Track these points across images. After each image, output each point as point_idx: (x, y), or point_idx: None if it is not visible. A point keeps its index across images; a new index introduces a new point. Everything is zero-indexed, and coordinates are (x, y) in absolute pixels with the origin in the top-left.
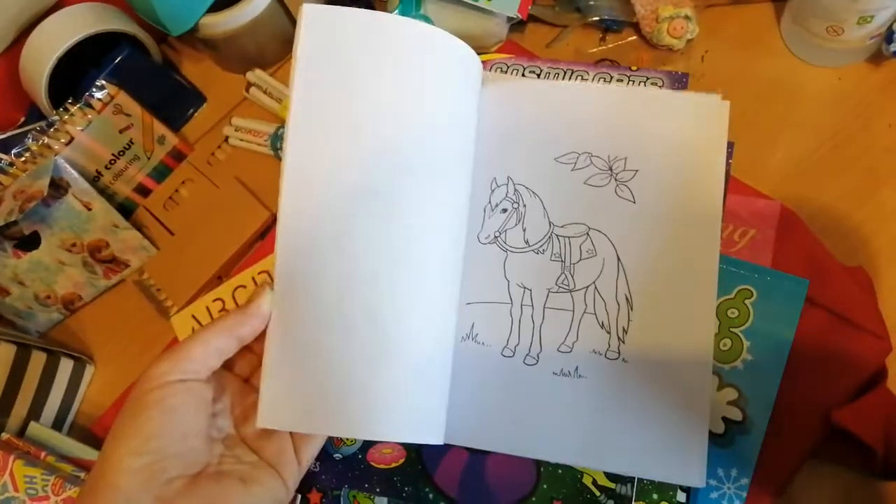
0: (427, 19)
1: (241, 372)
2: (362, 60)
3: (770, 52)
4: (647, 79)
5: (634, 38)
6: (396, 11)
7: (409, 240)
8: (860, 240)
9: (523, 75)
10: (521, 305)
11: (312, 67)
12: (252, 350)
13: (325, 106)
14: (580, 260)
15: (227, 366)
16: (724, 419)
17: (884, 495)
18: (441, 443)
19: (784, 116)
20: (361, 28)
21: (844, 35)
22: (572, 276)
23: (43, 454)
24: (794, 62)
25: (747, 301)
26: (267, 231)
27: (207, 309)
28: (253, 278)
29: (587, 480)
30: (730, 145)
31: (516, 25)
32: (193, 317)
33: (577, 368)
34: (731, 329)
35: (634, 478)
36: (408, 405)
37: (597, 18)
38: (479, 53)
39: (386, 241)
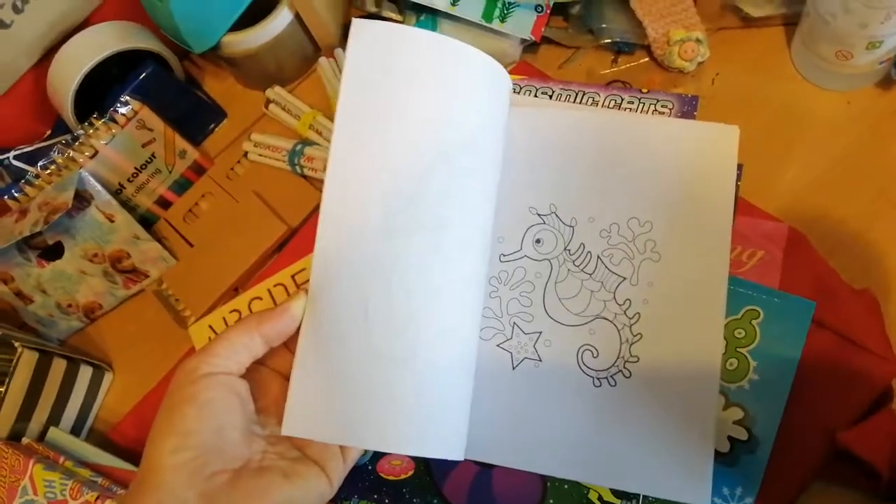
0: None
1: (286, 372)
2: (407, 74)
3: (780, 76)
4: (658, 101)
5: (646, 60)
6: None
7: (441, 257)
8: (868, 262)
9: (535, 96)
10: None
11: (359, 79)
12: (292, 351)
13: (368, 118)
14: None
15: (272, 365)
16: (730, 438)
17: None
18: (461, 458)
19: (793, 139)
20: (407, 43)
21: (853, 60)
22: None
23: (62, 459)
24: (803, 85)
25: (754, 321)
26: (284, 244)
27: (224, 320)
28: (269, 290)
29: (593, 496)
30: (739, 167)
31: (529, 46)
32: (210, 327)
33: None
34: (738, 349)
35: (640, 495)
36: (431, 421)
37: (609, 41)
38: None
39: (418, 258)
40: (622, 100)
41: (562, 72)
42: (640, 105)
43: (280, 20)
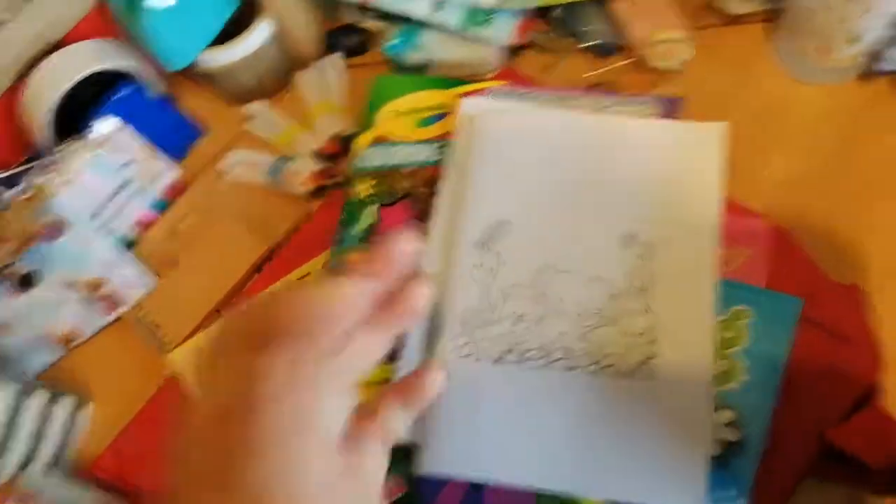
0: (423, 49)
1: None
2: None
3: (762, 72)
4: (642, 103)
5: (629, 61)
6: (396, 42)
7: None
8: (854, 256)
9: (519, 102)
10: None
11: None
12: None
13: None
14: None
15: None
16: (721, 440)
17: None
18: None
19: (777, 134)
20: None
21: (834, 54)
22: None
23: (38, 499)
24: (786, 81)
25: (742, 322)
26: (264, 264)
27: None
28: None
29: None
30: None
31: (513, 52)
32: (191, 351)
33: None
34: (727, 350)
35: None
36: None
37: (592, 43)
38: (475, 81)
39: None
40: (606, 103)
41: (546, 76)
42: (624, 108)
43: (257, 35)
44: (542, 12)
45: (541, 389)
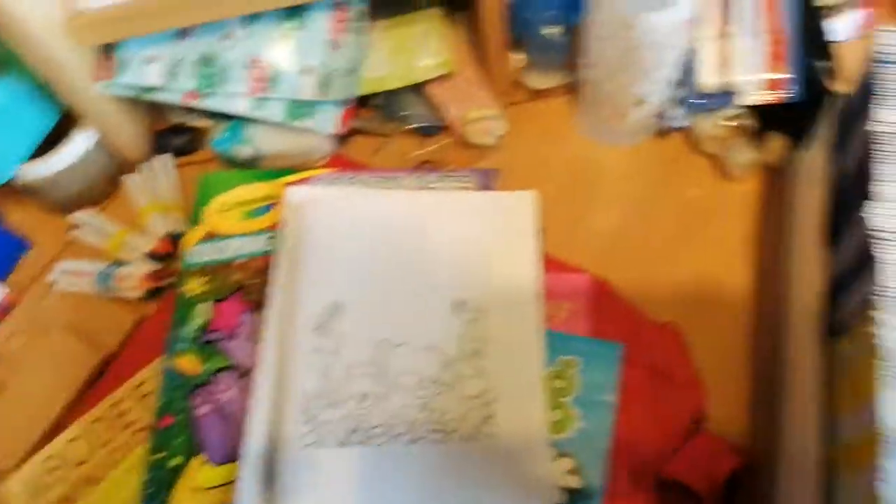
0: (250, 143)
1: None
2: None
3: (570, 139)
4: (463, 177)
5: (451, 139)
6: (222, 138)
7: None
8: (668, 297)
9: (346, 186)
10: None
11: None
12: None
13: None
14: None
15: None
16: (565, 489)
17: None
18: None
19: (589, 195)
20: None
21: (626, 118)
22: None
23: None
24: (592, 145)
25: (571, 371)
26: (100, 376)
27: (40, 470)
28: (87, 428)
29: None
30: (541, 230)
31: (342, 137)
32: (25, 482)
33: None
34: (559, 399)
35: None
36: None
37: (414, 126)
38: (306, 170)
39: None
40: (429, 180)
41: (375, 158)
42: (445, 183)
43: (78, 144)
44: (364, 100)
45: (388, 466)
